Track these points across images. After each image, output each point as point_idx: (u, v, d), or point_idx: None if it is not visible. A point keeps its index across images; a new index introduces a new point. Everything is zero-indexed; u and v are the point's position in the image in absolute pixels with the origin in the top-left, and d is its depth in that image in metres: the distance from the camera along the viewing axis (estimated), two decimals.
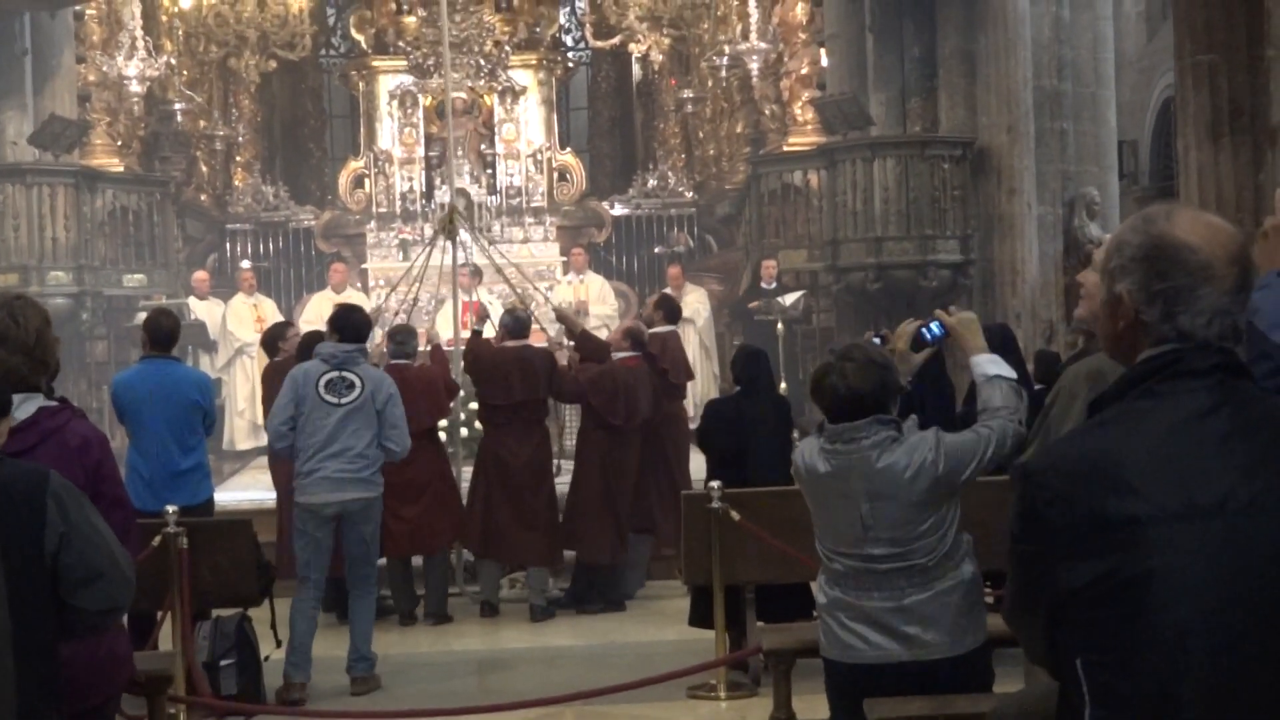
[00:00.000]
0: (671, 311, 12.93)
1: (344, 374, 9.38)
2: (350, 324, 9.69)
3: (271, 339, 12.06)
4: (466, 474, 11.93)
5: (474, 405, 12.30)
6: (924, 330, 5.56)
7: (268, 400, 11.07)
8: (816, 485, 5.25)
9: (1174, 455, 2.73)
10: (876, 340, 7.20)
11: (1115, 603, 2.71)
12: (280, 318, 17.11)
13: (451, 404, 12.12)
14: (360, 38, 23.15)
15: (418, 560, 11.54)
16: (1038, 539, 2.81)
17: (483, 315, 12.69)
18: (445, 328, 17.44)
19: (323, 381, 9.35)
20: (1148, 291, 2.84)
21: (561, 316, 12.94)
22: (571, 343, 12.47)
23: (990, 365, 5.34)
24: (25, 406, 4.89)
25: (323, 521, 9.37)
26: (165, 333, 9.67)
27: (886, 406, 5.15)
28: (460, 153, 21.07)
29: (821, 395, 5.21)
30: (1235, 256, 2.81)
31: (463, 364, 11.96)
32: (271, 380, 11.14)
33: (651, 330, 12.29)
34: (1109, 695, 2.72)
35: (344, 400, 9.32)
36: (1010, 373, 5.33)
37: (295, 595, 9.36)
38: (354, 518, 9.39)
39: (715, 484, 8.97)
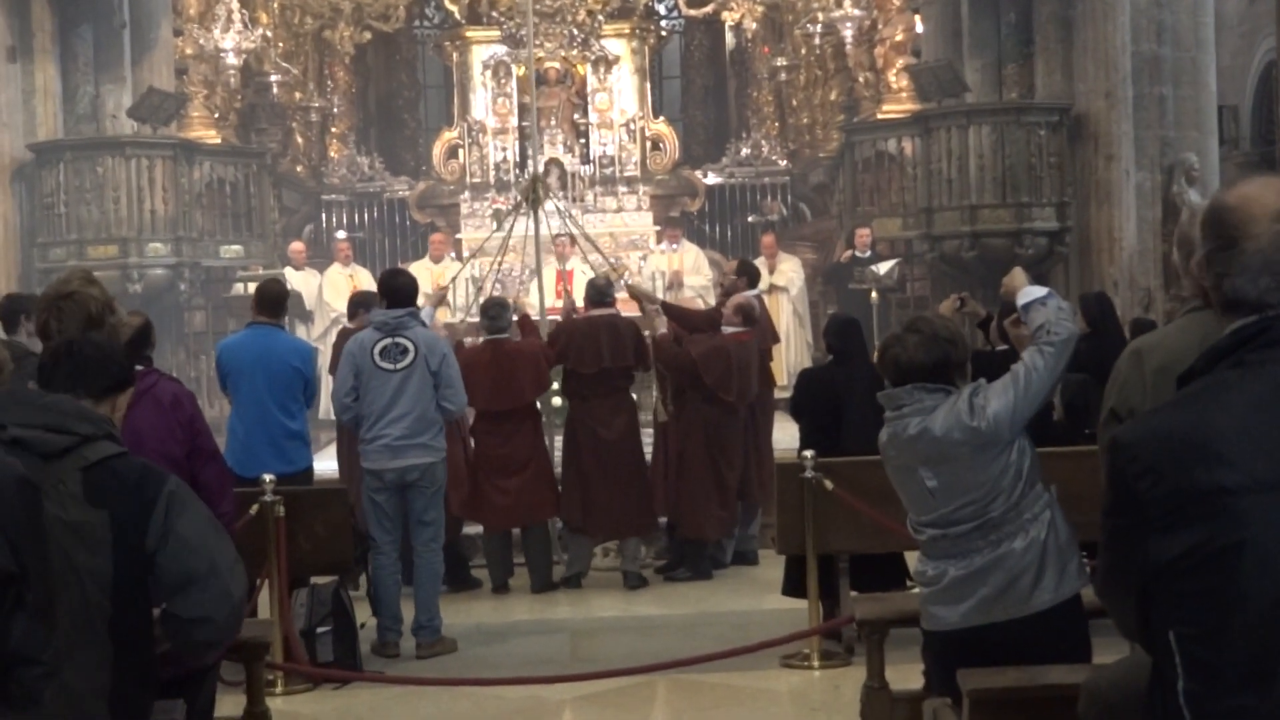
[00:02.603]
0: (753, 276, 12.86)
1: (397, 340, 9.48)
2: (395, 289, 9.77)
3: (354, 305, 12.15)
4: (557, 444, 11.95)
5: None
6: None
7: (331, 365, 11.20)
8: (885, 456, 5.29)
9: (1265, 425, 2.71)
10: (958, 303, 7.16)
11: (1207, 574, 2.70)
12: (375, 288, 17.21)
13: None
14: (453, 8, 23.18)
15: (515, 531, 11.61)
16: (1129, 512, 2.81)
17: (568, 308, 12.75)
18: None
19: (377, 349, 9.46)
20: (1207, 256, 2.85)
21: (637, 295, 12.86)
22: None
23: (1023, 297, 5.37)
24: None
25: (386, 486, 9.49)
26: (273, 298, 9.85)
27: (950, 379, 5.14)
28: (553, 122, 21.10)
29: (885, 366, 5.26)
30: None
31: (548, 339, 11.89)
32: (340, 345, 11.27)
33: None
34: (1202, 667, 2.71)
35: (399, 366, 9.43)
36: (1040, 291, 5.35)
37: (372, 560, 9.48)
38: (417, 483, 9.53)
39: (809, 453, 8.96)
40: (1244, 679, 2.67)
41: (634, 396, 12.13)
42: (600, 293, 11.84)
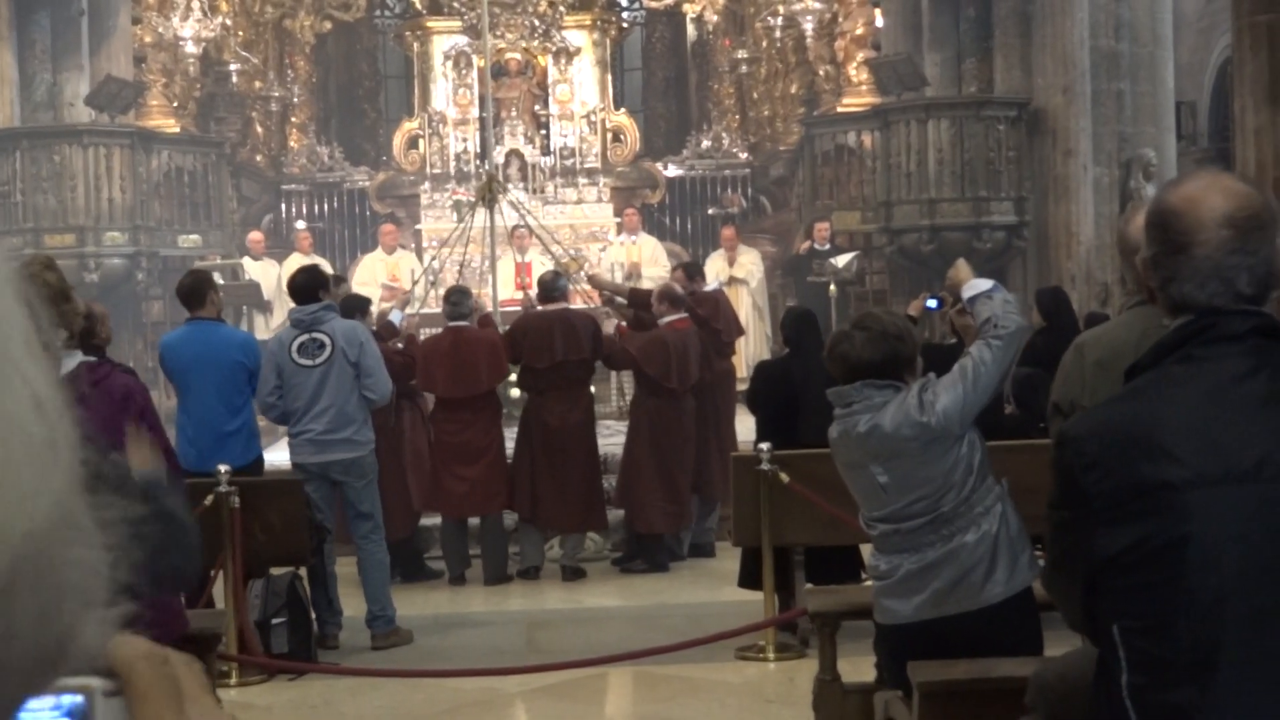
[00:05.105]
0: (692, 274, 12.81)
1: (313, 335, 9.44)
2: (294, 287, 9.76)
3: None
4: (510, 435, 11.94)
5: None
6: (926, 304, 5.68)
7: None
8: (835, 453, 5.29)
9: (1210, 420, 2.73)
10: (933, 302, 7.16)
11: (1151, 568, 2.71)
12: None
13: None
14: None
15: (474, 521, 11.60)
16: (1075, 505, 2.82)
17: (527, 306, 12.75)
18: (501, 288, 17.51)
19: (294, 346, 9.44)
20: (1153, 259, 2.86)
21: (598, 283, 12.89)
22: (623, 300, 12.46)
23: (968, 290, 5.37)
24: (66, 362, 4.98)
25: (312, 478, 9.42)
26: (186, 291, 9.54)
27: (899, 375, 5.15)
28: (514, 114, 21.07)
29: (833, 363, 5.25)
30: (1228, 218, 2.80)
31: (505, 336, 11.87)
32: None
33: (701, 291, 12.25)
34: (1145, 660, 2.73)
35: (317, 361, 9.40)
36: (986, 284, 5.34)
37: None
38: (344, 477, 9.53)
39: (765, 446, 8.96)
40: (1187, 672, 2.68)
41: (592, 390, 12.10)
42: (550, 287, 11.86)
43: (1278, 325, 2.85)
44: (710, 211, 21.54)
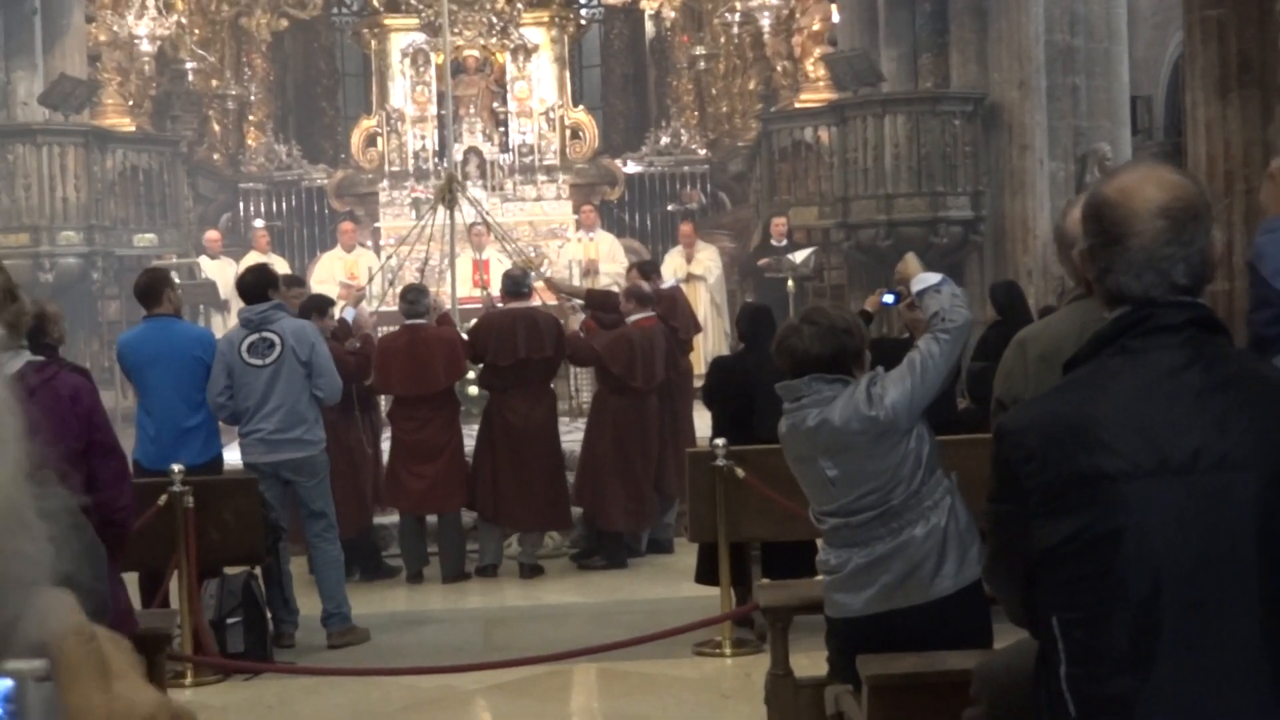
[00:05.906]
0: (647, 273, 12.83)
1: (263, 334, 9.41)
2: (243, 287, 9.76)
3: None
4: (470, 432, 11.92)
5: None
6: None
7: None
8: (785, 447, 5.29)
9: (1146, 412, 2.74)
10: (889, 297, 7.20)
11: (1088, 560, 2.73)
12: None
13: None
14: None
15: (432, 519, 11.58)
16: (1014, 498, 2.83)
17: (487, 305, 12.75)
18: (459, 285, 17.49)
19: (244, 346, 9.41)
20: (1090, 251, 2.87)
21: (555, 288, 12.88)
22: (580, 303, 12.47)
23: (917, 284, 5.41)
24: (12, 362, 4.95)
25: (264, 477, 9.37)
26: (142, 290, 9.52)
27: (847, 369, 5.16)
28: (473, 111, 21.03)
29: (781, 357, 5.25)
30: (1163, 209, 2.81)
31: (468, 337, 11.85)
32: None
33: (659, 288, 12.25)
34: (1083, 652, 2.74)
35: (267, 361, 9.37)
36: (934, 278, 5.38)
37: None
38: (295, 476, 9.50)
39: (720, 441, 8.97)
40: (1124, 663, 2.70)
41: (554, 389, 12.10)
42: (516, 284, 11.83)
43: (1214, 317, 2.87)
44: (670, 208, 21.55)
